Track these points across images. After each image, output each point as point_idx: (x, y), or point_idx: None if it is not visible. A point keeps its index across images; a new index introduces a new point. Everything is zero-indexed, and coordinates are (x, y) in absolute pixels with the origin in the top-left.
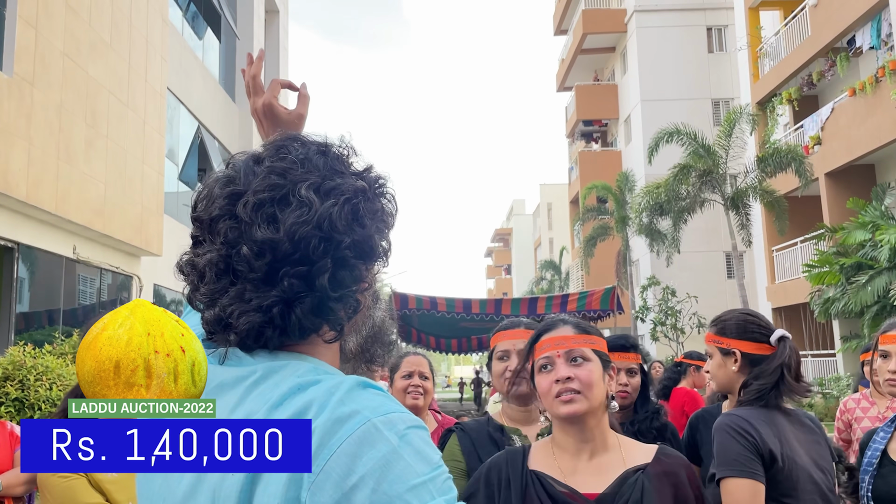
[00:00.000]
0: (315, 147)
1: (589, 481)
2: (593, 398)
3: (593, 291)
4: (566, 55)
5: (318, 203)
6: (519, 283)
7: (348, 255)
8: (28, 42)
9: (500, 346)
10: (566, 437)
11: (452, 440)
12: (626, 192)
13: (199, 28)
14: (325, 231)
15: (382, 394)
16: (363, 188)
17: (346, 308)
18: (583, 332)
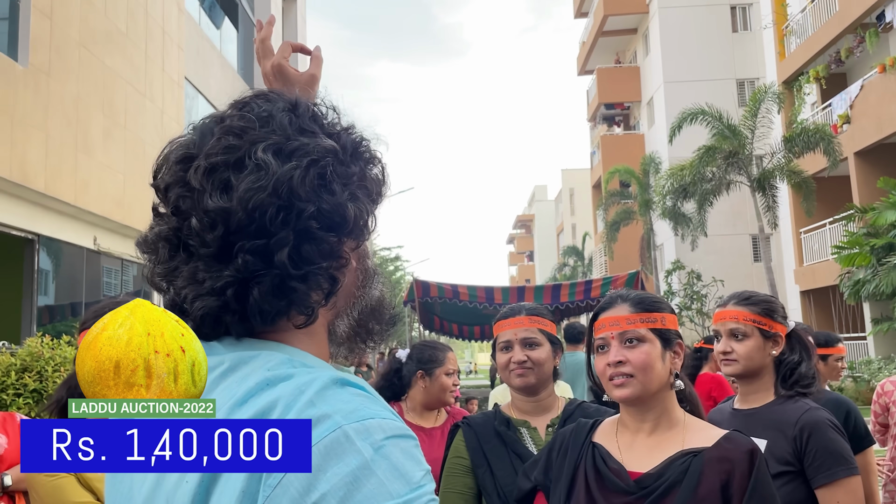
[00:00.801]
0: (283, 104)
1: (641, 460)
2: (649, 381)
3: (617, 277)
4: (587, 38)
5: (276, 166)
6: (541, 269)
7: (313, 226)
8: (43, 32)
9: (502, 336)
10: (626, 415)
11: (458, 436)
12: (650, 176)
13: (216, 17)
14: (284, 198)
15: (362, 394)
16: (333, 149)
17: (315, 288)
18: (642, 310)
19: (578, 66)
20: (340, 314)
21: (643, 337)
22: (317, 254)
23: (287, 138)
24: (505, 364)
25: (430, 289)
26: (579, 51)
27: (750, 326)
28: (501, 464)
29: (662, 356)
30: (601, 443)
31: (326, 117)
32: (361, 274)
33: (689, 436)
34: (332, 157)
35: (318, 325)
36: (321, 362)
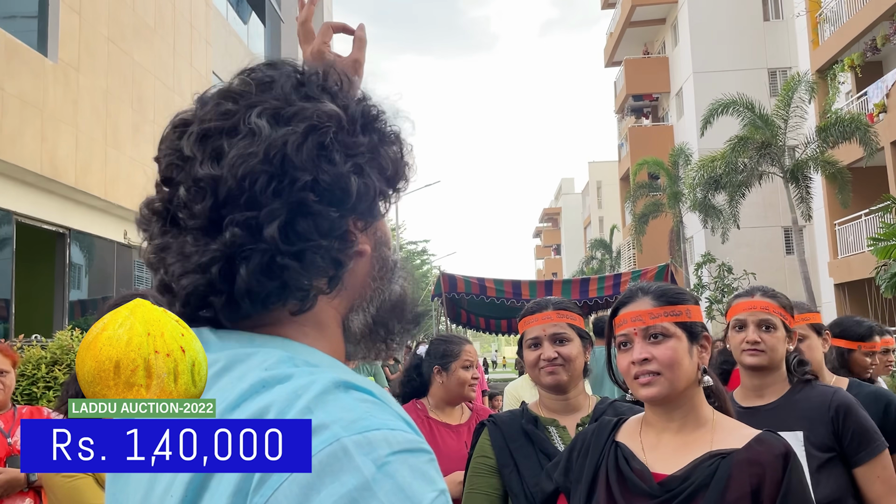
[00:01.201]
0: (291, 70)
1: (666, 460)
2: (676, 378)
3: (646, 270)
4: (614, 29)
5: (269, 131)
6: (569, 263)
7: (309, 198)
8: (72, 28)
9: (530, 333)
10: (652, 414)
11: (484, 434)
12: (680, 167)
13: (243, 12)
14: (276, 165)
15: (369, 400)
16: (336, 115)
17: (313, 269)
18: (665, 303)
19: (605, 57)
20: (355, 308)
21: (668, 331)
22: (313, 229)
23: (287, 103)
24: (534, 361)
25: (457, 283)
26: (606, 42)
27: (778, 319)
28: (529, 463)
29: (689, 351)
30: (624, 442)
31: (342, 87)
32: (378, 263)
33: (719, 436)
34: (334, 124)
35: (328, 319)
36: (330, 360)
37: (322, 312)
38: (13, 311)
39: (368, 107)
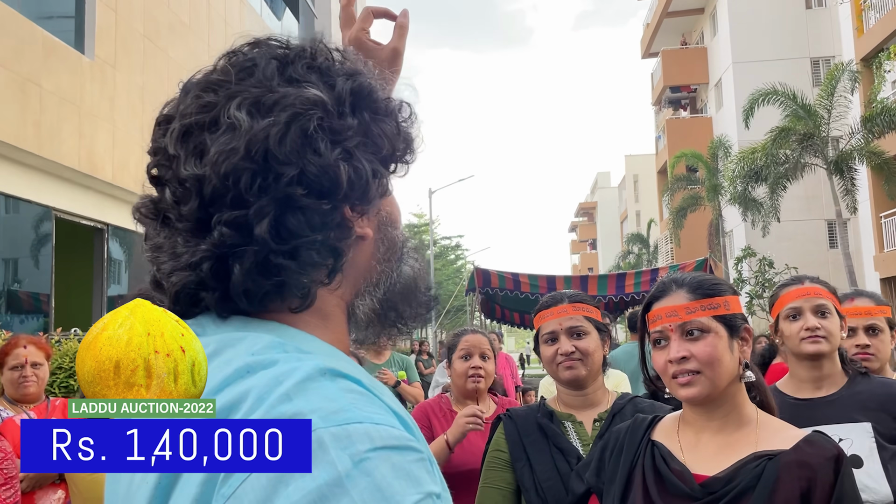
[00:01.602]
0: (275, 49)
1: (707, 461)
2: (717, 376)
3: (684, 264)
4: (651, 19)
5: (249, 123)
6: (605, 257)
7: (297, 192)
8: (108, 25)
9: (546, 328)
10: (691, 413)
11: (499, 429)
12: (719, 160)
13: (277, 8)
14: (259, 161)
15: (357, 390)
16: (319, 100)
17: (310, 265)
18: (701, 295)
19: (642, 48)
20: (361, 293)
21: (707, 327)
22: (305, 224)
23: (268, 90)
24: (551, 357)
25: (491, 278)
26: (643, 33)
27: (831, 304)
28: (541, 458)
29: (730, 346)
30: (661, 441)
31: (332, 62)
32: (383, 245)
33: (763, 436)
34: (319, 110)
35: (331, 307)
36: (328, 348)
37: (324, 301)
38: (53, 305)
39: (360, 82)
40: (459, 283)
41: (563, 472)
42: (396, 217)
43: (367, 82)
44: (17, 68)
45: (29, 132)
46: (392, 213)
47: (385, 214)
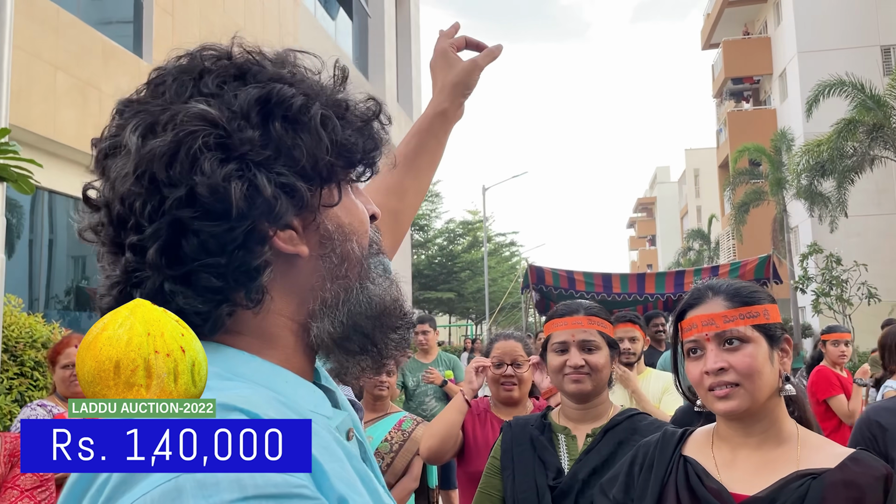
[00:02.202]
0: (191, 63)
1: (745, 479)
2: (757, 389)
3: (746, 261)
4: (711, 9)
5: (137, 145)
6: (664, 254)
7: (186, 215)
8: (165, 29)
9: (557, 337)
10: (727, 428)
11: (499, 439)
12: (783, 153)
13: (331, 8)
14: (145, 184)
15: None
16: (209, 116)
17: (206, 291)
18: (740, 303)
19: (702, 39)
20: (315, 314)
21: (746, 336)
22: (198, 248)
23: (164, 109)
24: (559, 367)
25: (545, 276)
26: (703, 23)
27: None
28: (524, 469)
29: (770, 357)
30: (694, 457)
31: (256, 70)
32: (331, 260)
33: (805, 453)
34: (207, 126)
35: (275, 328)
36: (267, 369)
37: (266, 322)
38: None
39: (271, 91)
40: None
41: (539, 485)
42: (354, 228)
43: (282, 91)
44: (78, 73)
45: (89, 135)
46: (345, 225)
47: (332, 227)
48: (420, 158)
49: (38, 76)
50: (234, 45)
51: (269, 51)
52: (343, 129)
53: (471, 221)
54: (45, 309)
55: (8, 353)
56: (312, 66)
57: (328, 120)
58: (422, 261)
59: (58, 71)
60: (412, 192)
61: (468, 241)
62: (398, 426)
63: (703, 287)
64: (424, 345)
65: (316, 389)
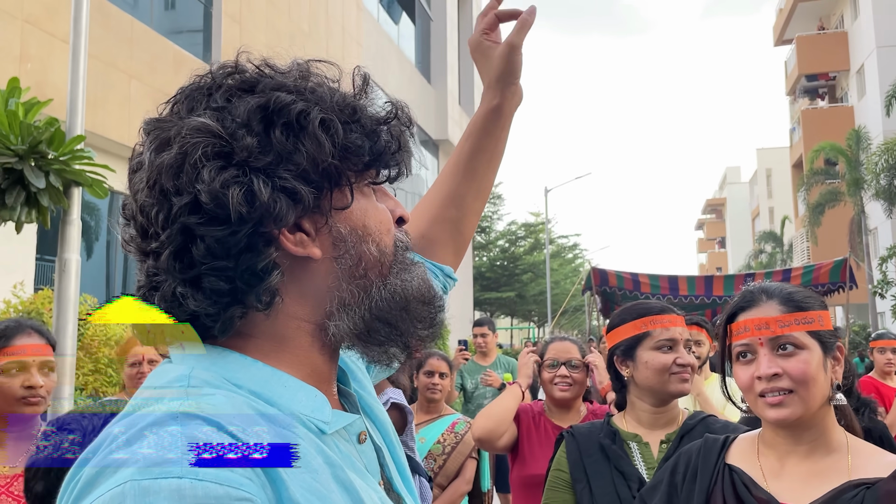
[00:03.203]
0: (200, 80)
1: (794, 489)
2: (810, 397)
3: (821, 265)
4: (784, 4)
5: (150, 159)
6: (735, 256)
7: (192, 221)
8: (233, 37)
9: (664, 334)
10: (774, 435)
11: (561, 447)
12: (861, 152)
13: (394, 13)
14: (156, 194)
15: (200, 437)
16: (207, 127)
17: (215, 293)
18: (795, 308)
19: (775, 35)
20: (332, 313)
21: (801, 342)
22: (205, 252)
23: (174, 125)
24: (667, 365)
25: (609, 278)
26: (776, 19)
27: None
28: (602, 482)
29: (823, 364)
30: (739, 466)
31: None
32: (347, 262)
33: (857, 463)
34: (207, 136)
35: (289, 330)
36: (265, 374)
37: (278, 324)
38: None
39: (270, 99)
40: (577, 282)
41: (623, 497)
42: (371, 230)
43: (281, 98)
44: (151, 81)
45: None
46: (360, 227)
47: (345, 230)
48: (476, 160)
49: (114, 84)
50: (246, 60)
51: (279, 63)
52: (348, 132)
53: (533, 223)
54: None
55: (84, 350)
56: (333, 74)
57: (329, 124)
58: (483, 263)
59: (132, 79)
60: (471, 197)
61: (530, 244)
62: (451, 428)
63: (756, 289)
64: (483, 347)
65: (317, 395)
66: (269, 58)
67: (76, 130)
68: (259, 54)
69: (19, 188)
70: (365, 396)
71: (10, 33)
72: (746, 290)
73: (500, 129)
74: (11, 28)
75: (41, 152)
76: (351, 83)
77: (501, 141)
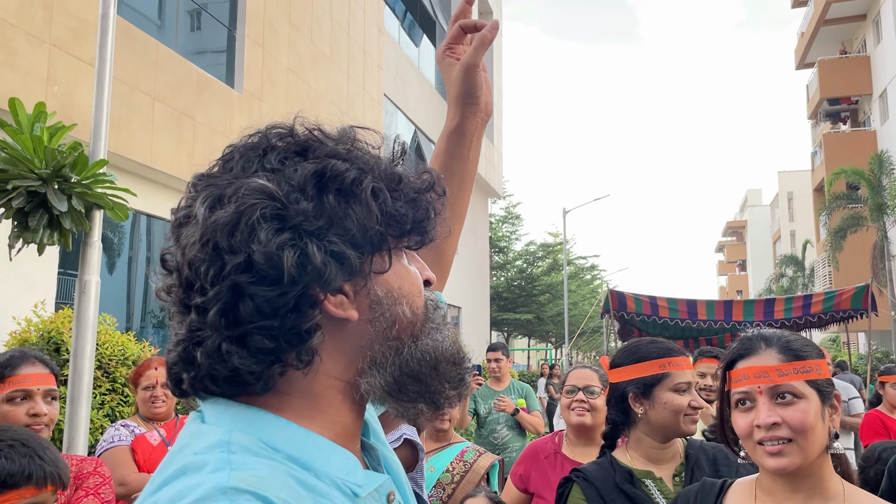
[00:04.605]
0: (254, 139)
1: None
2: (809, 446)
3: (843, 290)
4: (806, 28)
5: (204, 215)
6: (755, 280)
7: (243, 280)
8: (256, 60)
9: (683, 377)
10: (772, 483)
11: (575, 492)
12: (883, 176)
13: (415, 36)
14: (209, 251)
15: None
16: (267, 190)
17: (259, 352)
18: (793, 357)
19: (797, 59)
20: (364, 371)
21: (800, 392)
22: (254, 311)
23: (230, 183)
24: (682, 408)
25: (627, 302)
26: (797, 42)
27: None
28: None
29: (821, 414)
30: None
31: (316, 146)
32: (381, 323)
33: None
34: (265, 199)
35: (322, 388)
36: (299, 436)
37: (314, 383)
38: None
39: (325, 166)
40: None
41: None
42: (405, 292)
43: (336, 166)
44: (174, 103)
45: (183, 161)
46: (395, 290)
47: (381, 293)
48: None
49: (137, 107)
50: (298, 124)
51: (329, 128)
52: (394, 200)
53: (551, 244)
54: (141, 324)
55: (101, 369)
56: (374, 141)
57: (379, 192)
58: (500, 283)
59: (156, 102)
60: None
61: (548, 264)
62: (460, 457)
63: (755, 337)
64: (497, 372)
65: (350, 457)
66: (320, 122)
67: (99, 154)
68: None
69: (42, 211)
70: (382, 450)
71: (38, 57)
72: (745, 337)
73: (465, 149)
74: (39, 52)
75: (64, 176)
76: (391, 147)
77: (468, 161)
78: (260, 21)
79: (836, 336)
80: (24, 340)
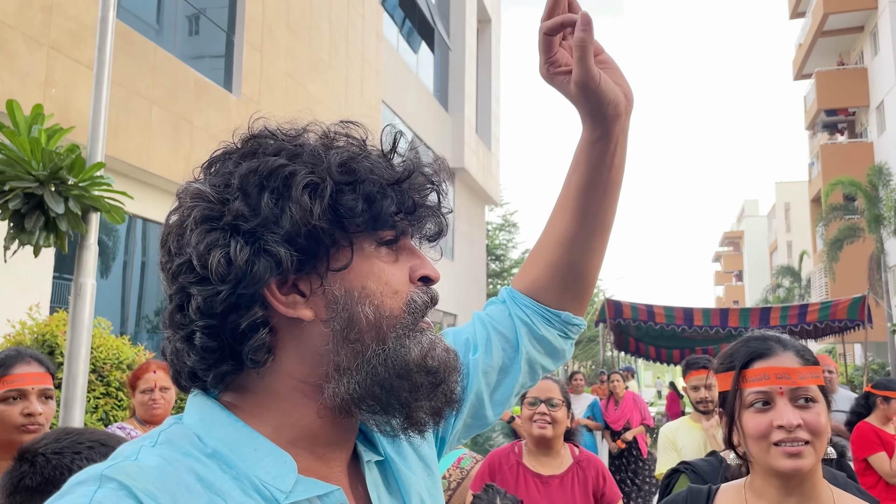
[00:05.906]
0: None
1: None
2: (822, 449)
3: (838, 301)
4: (804, 39)
5: (167, 219)
6: (752, 290)
7: (185, 280)
8: (254, 65)
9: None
10: (766, 485)
11: (683, 482)
12: (880, 188)
13: (413, 42)
14: (166, 253)
15: (108, 501)
16: (199, 192)
17: (203, 350)
18: (809, 362)
19: (794, 70)
20: (328, 375)
21: (815, 395)
22: (197, 311)
23: (184, 189)
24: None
25: (623, 309)
26: (795, 53)
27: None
28: None
29: (828, 419)
30: None
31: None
32: (342, 324)
33: None
34: (199, 201)
35: (283, 388)
36: (240, 434)
37: (273, 382)
38: None
39: (260, 164)
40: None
41: None
42: (369, 292)
43: (270, 163)
44: (172, 107)
45: (180, 166)
46: (356, 289)
47: (339, 292)
48: (586, 197)
49: (135, 111)
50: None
51: (291, 127)
52: (341, 194)
53: None
54: (136, 328)
55: (95, 373)
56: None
57: (317, 186)
58: (497, 291)
59: (153, 105)
60: (583, 238)
61: None
62: (457, 464)
63: (771, 338)
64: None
65: (287, 461)
66: (298, 120)
67: (97, 157)
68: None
69: (39, 213)
70: (399, 463)
71: (36, 59)
72: (755, 337)
73: (608, 157)
74: (38, 54)
75: (61, 178)
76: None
77: (611, 169)
78: (259, 26)
79: (833, 347)
80: (19, 343)
